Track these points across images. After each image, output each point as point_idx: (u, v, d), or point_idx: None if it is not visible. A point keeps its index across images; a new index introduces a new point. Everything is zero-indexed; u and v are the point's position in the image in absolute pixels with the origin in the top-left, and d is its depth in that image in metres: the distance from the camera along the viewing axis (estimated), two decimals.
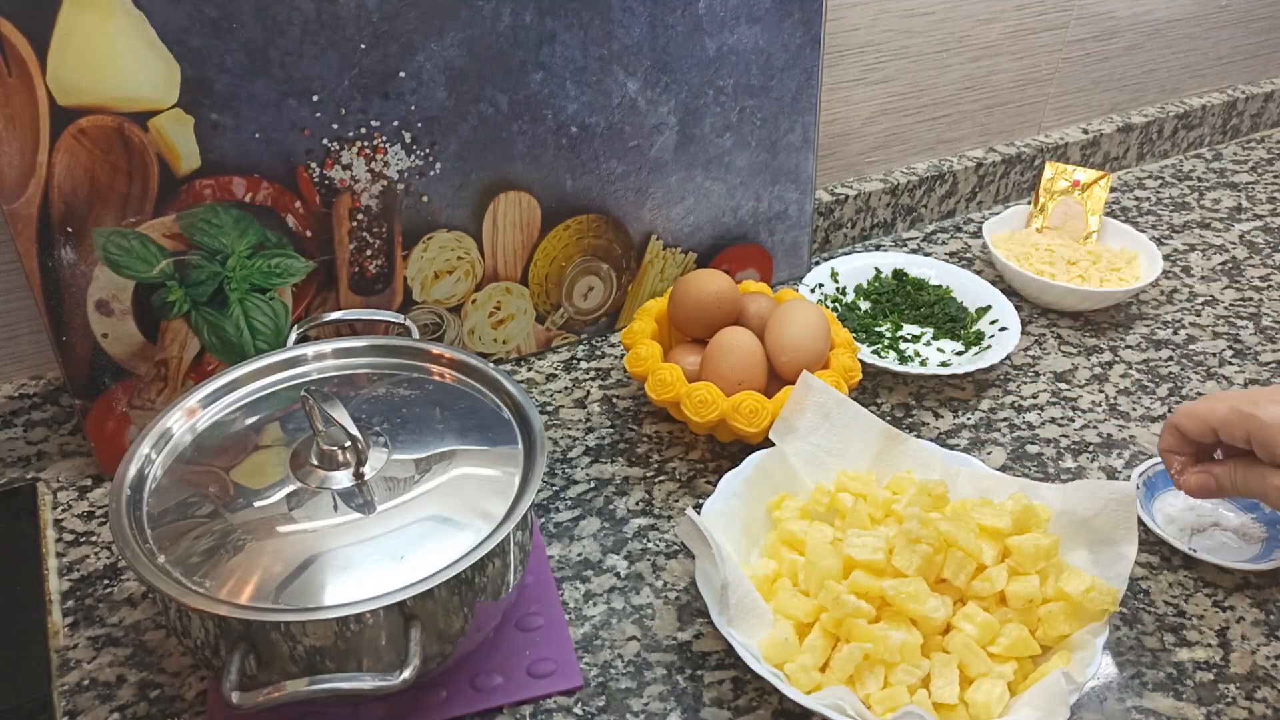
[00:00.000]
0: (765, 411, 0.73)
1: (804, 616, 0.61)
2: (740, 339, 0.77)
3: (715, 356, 0.77)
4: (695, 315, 0.80)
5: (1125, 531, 0.61)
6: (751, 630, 0.60)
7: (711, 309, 0.80)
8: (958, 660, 0.58)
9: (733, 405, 0.73)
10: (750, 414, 0.73)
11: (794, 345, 0.76)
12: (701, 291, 0.80)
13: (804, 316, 0.78)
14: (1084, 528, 0.63)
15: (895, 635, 0.57)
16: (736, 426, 0.74)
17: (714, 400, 0.74)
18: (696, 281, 0.80)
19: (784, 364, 0.76)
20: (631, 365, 0.78)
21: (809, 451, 0.72)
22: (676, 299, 0.81)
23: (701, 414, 0.74)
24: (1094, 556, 0.63)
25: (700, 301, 0.80)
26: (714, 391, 0.74)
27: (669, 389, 0.75)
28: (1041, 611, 0.60)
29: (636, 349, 0.79)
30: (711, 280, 0.80)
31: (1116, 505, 0.62)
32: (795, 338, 0.77)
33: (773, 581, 0.64)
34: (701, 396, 0.74)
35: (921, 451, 0.71)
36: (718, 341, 0.77)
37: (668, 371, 0.76)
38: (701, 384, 0.75)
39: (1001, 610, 0.61)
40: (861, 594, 0.59)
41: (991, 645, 0.59)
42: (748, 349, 0.76)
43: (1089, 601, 0.59)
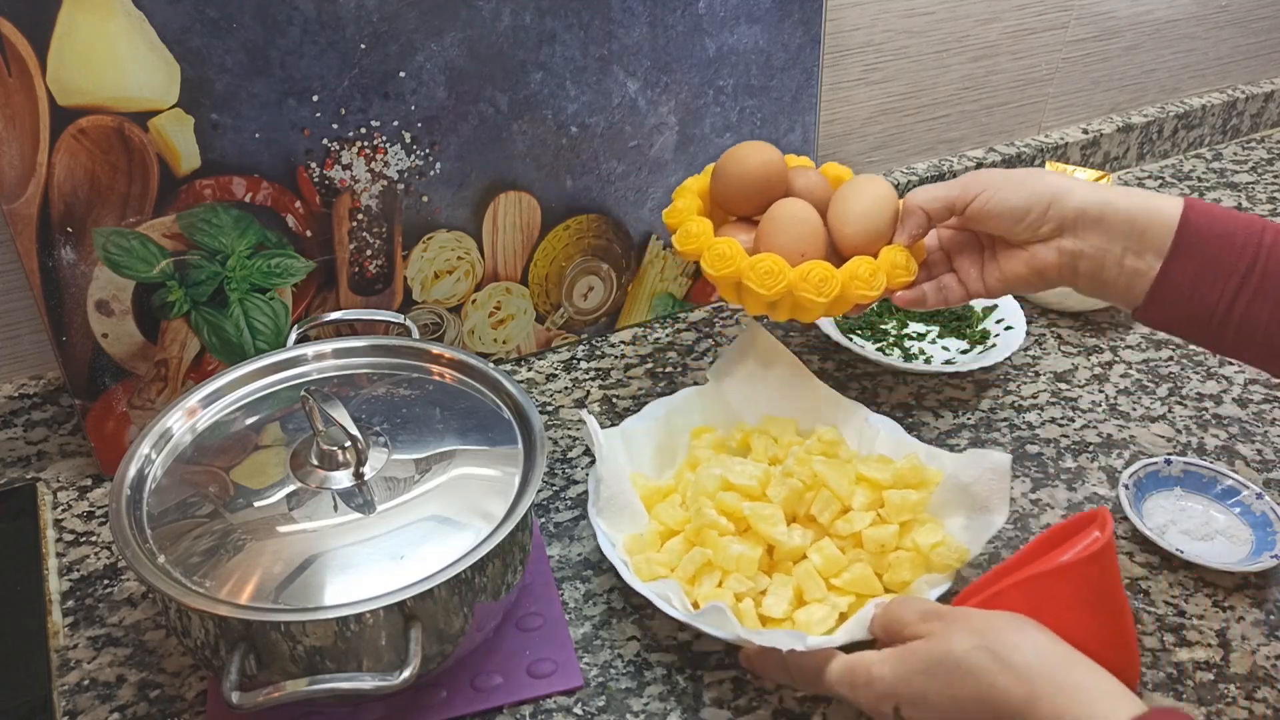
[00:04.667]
0: (835, 280, 0.68)
1: (674, 525, 0.67)
2: (800, 209, 0.71)
3: (773, 228, 0.71)
4: (742, 189, 0.74)
5: (999, 500, 0.65)
6: (621, 526, 0.67)
7: (760, 181, 0.73)
8: (796, 584, 0.64)
9: (800, 275, 0.68)
10: (820, 283, 0.68)
11: (861, 217, 0.70)
12: (748, 163, 0.73)
13: (875, 189, 0.72)
14: (964, 493, 0.66)
15: (735, 547, 0.63)
16: (805, 296, 0.68)
17: (780, 271, 0.68)
18: (742, 153, 0.74)
19: (848, 236, 0.70)
20: (682, 243, 0.72)
21: (744, 395, 0.76)
22: (721, 173, 0.75)
23: (767, 285, 0.68)
24: (968, 521, 0.66)
25: (747, 174, 0.73)
26: (779, 262, 0.68)
27: (728, 262, 0.69)
28: (891, 557, 0.65)
29: (686, 226, 0.72)
30: (758, 151, 0.74)
31: (992, 474, 0.65)
32: (863, 210, 0.70)
33: (665, 495, 0.70)
34: (767, 267, 0.68)
35: (849, 408, 0.76)
36: (775, 213, 0.71)
37: (725, 245, 0.70)
38: (765, 255, 0.69)
39: (856, 550, 0.66)
40: (726, 512, 0.65)
41: (835, 578, 0.64)
42: (808, 219, 0.71)
43: (936, 555, 0.64)
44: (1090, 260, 0.64)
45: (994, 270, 0.70)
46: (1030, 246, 0.66)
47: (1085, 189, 0.64)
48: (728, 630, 0.59)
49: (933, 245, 0.74)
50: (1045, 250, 0.66)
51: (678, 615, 0.61)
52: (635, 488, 0.70)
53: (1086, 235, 0.64)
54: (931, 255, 0.74)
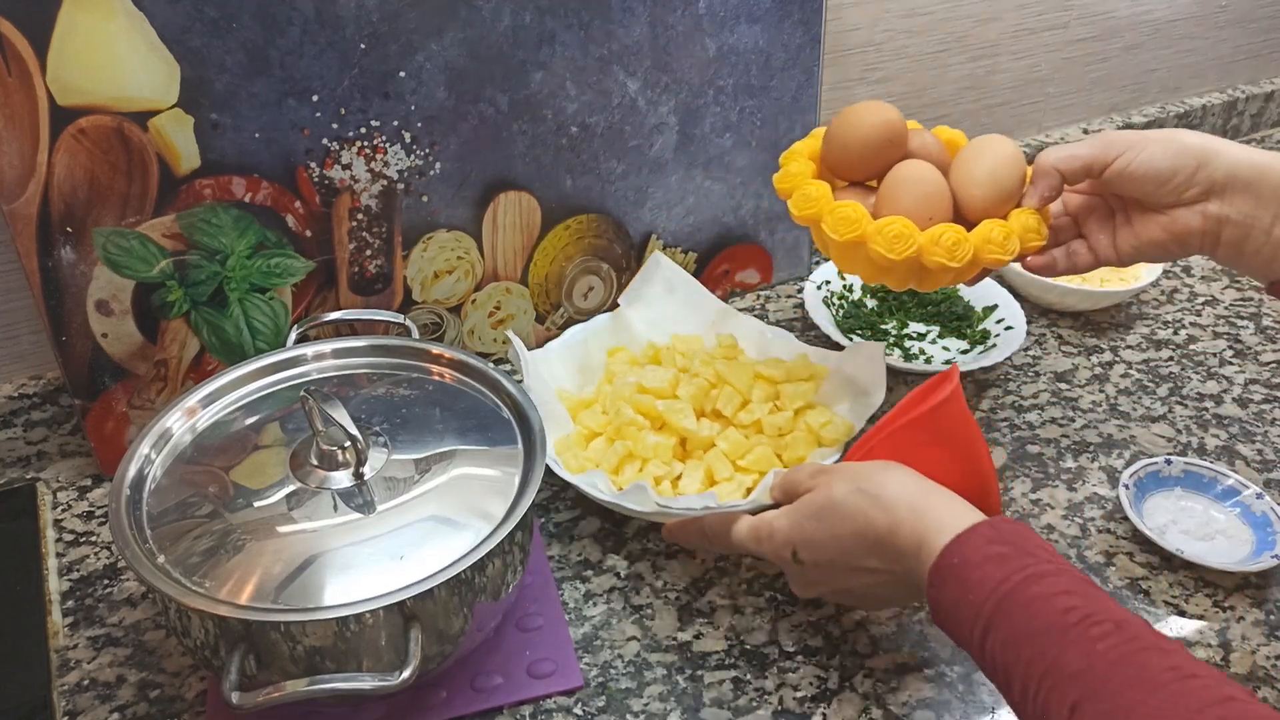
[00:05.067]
0: (967, 244, 0.65)
1: (597, 427, 0.76)
2: (926, 171, 0.68)
3: (898, 191, 0.67)
4: (862, 151, 0.70)
5: (875, 382, 0.74)
6: (549, 431, 0.70)
7: (881, 142, 0.69)
8: (706, 466, 0.72)
9: (931, 239, 0.65)
10: (952, 246, 0.65)
11: (989, 178, 0.67)
12: (867, 123, 0.69)
13: (1001, 148, 0.68)
14: (848, 381, 0.76)
15: (652, 437, 0.72)
16: (936, 261, 0.65)
17: (909, 234, 0.65)
18: (860, 114, 0.70)
19: (976, 198, 0.67)
20: (800, 208, 0.68)
21: (652, 318, 0.84)
22: (837, 134, 0.71)
23: (896, 249, 0.65)
24: (853, 404, 0.76)
25: (868, 135, 0.69)
26: (908, 225, 0.65)
27: (854, 226, 0.66)
28: (788, 438, 0.74)
29: (803, 190, 0.69)
30: (877, 111, 0.70)
31: (869, 362, 0.75)
32: (991, 170, 0.67)
33: (587, 405, 0.78)
34: (895, 230, 0.65)
35: (748, 324, 0.84)
36: (900, 174, 0.68)
37: (849, 208, 0.66)
38: (892, 218, 0.66)
39: (757, 436, 0.74)
40: (642, 411, 0.74)
41: (741, 459, 0.72)
42: (935, 181, 0.67)
43: (825, 432, 0.74)
44: (1235, 227, 0.61)
45: (1128, 236, 0.67)
46: (1171, 211, 0.63)
47: (1237, 150, 0.61)
48: (648, 504, 0.67)
49: (1057, 210, 0.71)
50: (1188, 214, 0.63)
51: (605, 498, 0.69)
52: (560, 400, 0.78)
53: (1236, 200, 0.61)
54: (1057, 220, 0.70)
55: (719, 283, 0.96)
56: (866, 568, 0.57)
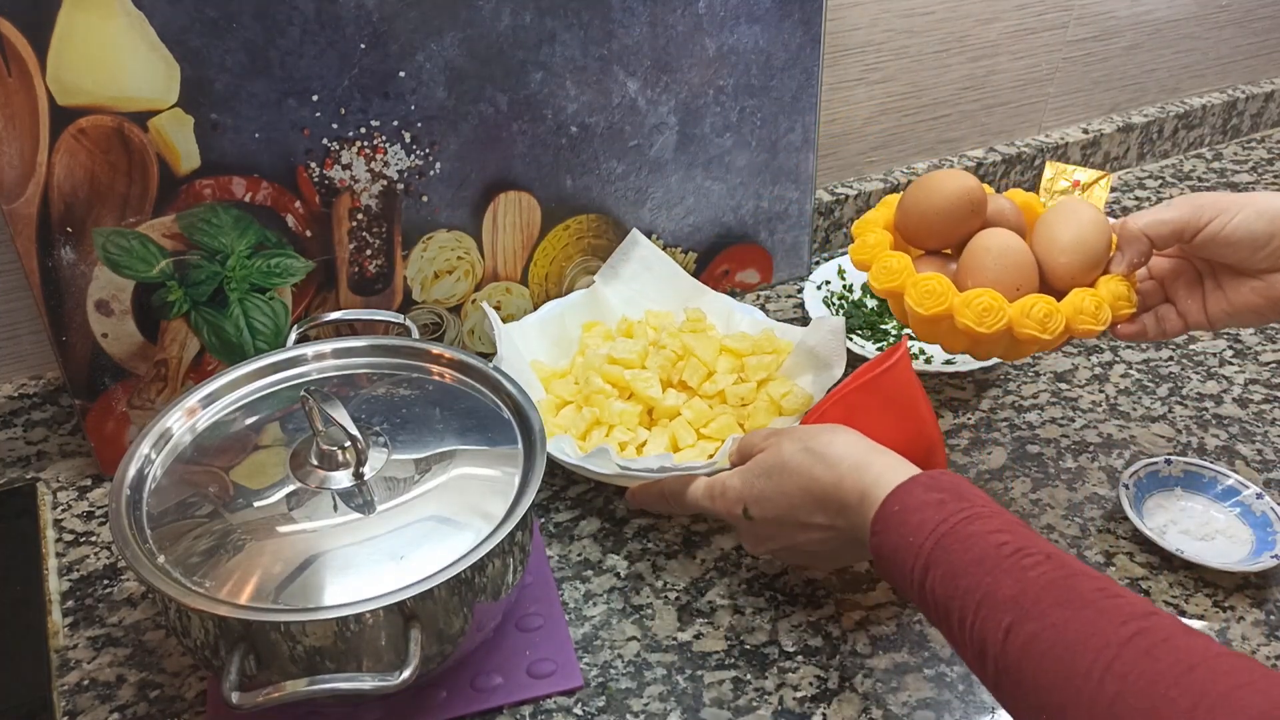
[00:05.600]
0: (1059, 316, 0.63)
1: (567, 396, 0.78)
2: (1009, 240, 0.66)
3: (983, 261, 0.66)
4: (941, 221, 0.69)
5: (836, 356, 0.77)
6: None
7: (962, 211, 0.68)
8: (671, 433, 0.75)
9: (1021, 311, 0.63)
10: (1044, 319, 0.63)
11: (1076, 244, 0.65)
12: (946, 191, 0.68)
13: (1086, 213, 0.67)
14: (811, 355, 0.78)
15: (618, 405, 0.75)
16: (1027, 334, 0.64)
17: (998, 307, 0.63)
18: (938, 182, 0.69)
19: (1063, 266, 0.65)
20: (881, 280, 0.68)
21: (628, 295, 0.86)
22: (915, 203, 0.69)
23: (986, 323, 0.63)
24: (815, 376, 0.78)
25: (947, 203, 0.68)
26: (997, 297, 0.64)
27: (940, 299, 0.65)
28: (750, 408, 0.77)
29: (883, 262, 0.68)
30: (956, 178, 0.68)
31: (831, 336, 0.77)
32: (1077, 236, 0.65)
33: (560, 376, 0.81)
34: (984, 303, 0.64)
35: (717, 301, 0.87)
36: (984, 244, 0.66)
37: (934, 280, 0.65)
38: (979, 290, 0.64)
39: (721, 405, 0.77)
40: (611, 381, 0.77)
41: (704, 427, 0.76)
42: (1020, 249, 0.66)
43: (785, 402, 0.76)
44: None
45: (1219, 301, 0.65)
46: (1267, 275, 0.62)
47: None
48: (610, 467, 0.70)
49: (1141, 274, 0.69)
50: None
51: (570, 460, 0.71)
52: (534, 370, 0.80)
53: None
54: (1142, 284, 0.68)
55: (719, 283, 0.96)
56: (813, 523, 0.59)
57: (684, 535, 0.73)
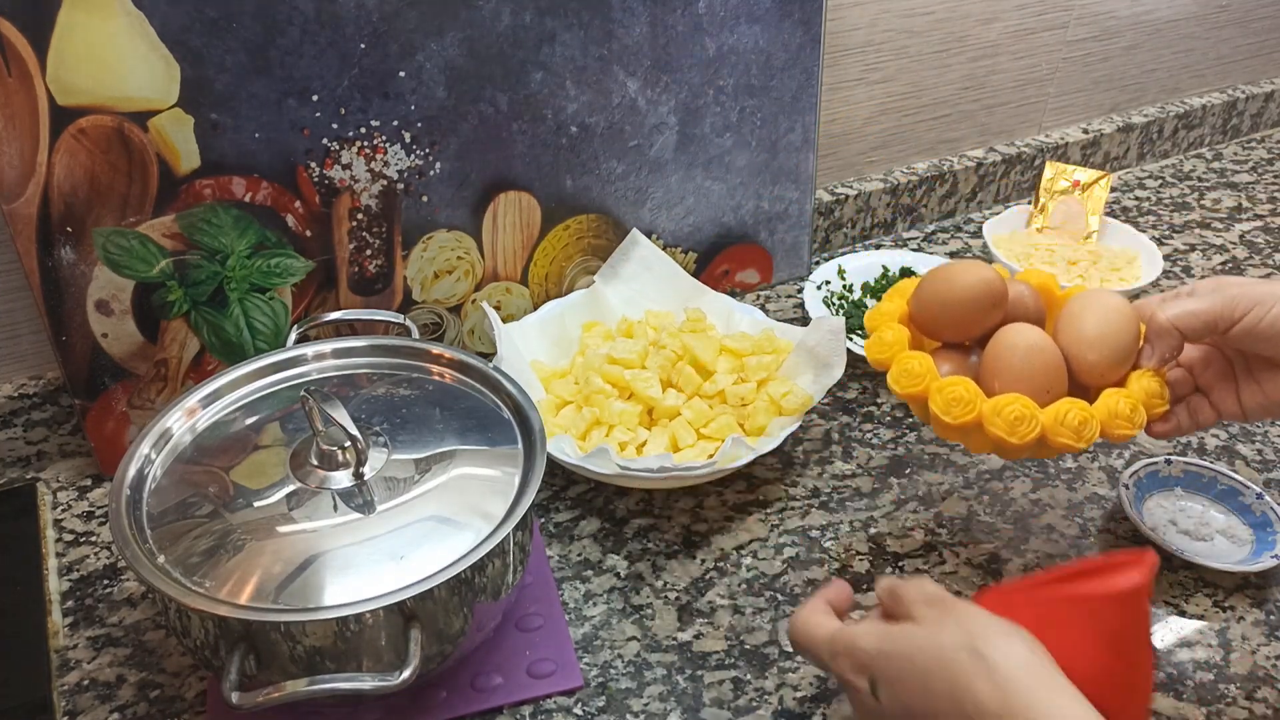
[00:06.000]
0: (1094, 422, 0.59)
1: (567, 396, 0.78)
2: (1037, 339, 0.62)
3: (1010, 362, 0.61)
4: (960, 316, 0.65)
5: (836, 356, 0.76)
6: None
7: (984, 306, 0.64)
8: (671, 434, 0.75)
9: (1054, 419, 0.59)
10: (1079, 426, 0.59)
11: (1104, 340, 0.61)
12: (963, 284, 0.64)
13: (1112, 304, 0.63)
14: (811, 355, 0.78)
15: (617, 405, 0.75)
16: (1061, 443, 0.59)
17: (1030, 416, 0.59)
18: (956, 275, 0.65)
19: (1092, 363, 0.61)
20: (903, 384, 0.63)
21: (628, 295, 0.86)
22: (932, 298, 0.66)
23: (1019, 433, 0.59)
24: (815, 376, 0.78)
25: (967, 298, 0.64)
26: (1028, 405, 0.60)
27: (968, 407, 0.60)
28: (749, 408, 0.77)
29: (904, 365, 0.63)
30: (973, 271, 0.64)
31: (830, 335, 0.76)
32: (1104, 330, 0.61)
33: (560, 376, 0.81)
34: (1016, 413, 0.59)
35: (717, 300, 0.87)
36: (1010, 343, 0.62)
37: (961, 386, 0.61)
38: (1010, 397, 0.60)
39: (721, 405, 0.77)
40: (611, 381, 0.77)
41: (704, 427, 0.76)
42: (1048, 350, 0.62)
43: (785, 401, 0.76)
44: None
45: (1254, 394, 0.61)
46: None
47: None
48: (610, 467, 0.69)
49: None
50: None
51: (570, 460, 0.71)
52: (534, 370, 0.80)
53: None
54: (1171, 373, 0.64)
55: (719, 283, 0.96)
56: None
57: (684, 535, 0.73)
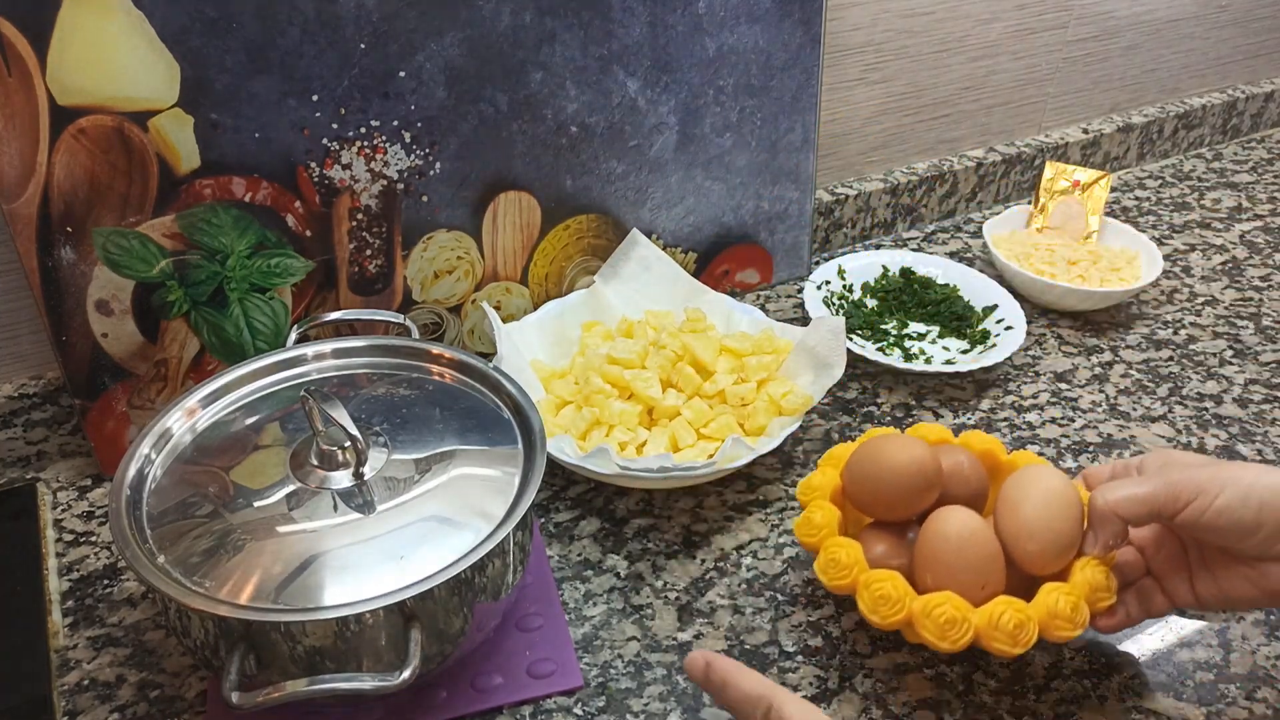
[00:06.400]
0: (1031, 625, 0.56)
1: (567, 396, 0.78)
2: (971, 526, 0.58)
3: (942, 554, 0.58)
4: (890, 498, 0.62)
5: (836, 356, 0.77)
6: None
7: (914, 489, 0.61)
8: (671, 434, 0.75)
9: (988, 621, 0.56)
10: (1015, 630, 0.56)
11: (1044, 527, 0.57)
12: (895, 464, 0.61)
13: (1051, 485, 0.59)
14: (811, 354, 0.78)
15: (617, 405, 0.75)
16: (996, 648, 0.56)
17: (962, 618, 0.56)
18: (887, 453, 0.62)
19: (1032, 554, 0.58)
20: (830, 576, 0.60)
21: (628, 294, 0.86)
22: (862, 475, 0.63)
23: (950, 638, 0.56)
24: (815, 376, 0.78)
25: (898, 480, 0.61)
26: (960, 606, 0.56)
27: (896, 607, 0.57)
28: (749, 408, 0.77)
29: (830, 553, 0.60)
30: (905, 449, 0.61)
31: (831, 335, 0.77)
32: (1044, 516, 0.58)
33: (560, 376, 0.81)
34: (947, 615, 0.56)
35: (717, 300, 0.87)
36: (941, 533, 0.59)
37: (888, 584, 0.58)
38: (941, 597, 0.57)
39: (721, 405, 0.77)
40: (611, 381, 0.77)
41: (704, 427, 0.76)
42: (984, 540, 0.58)
43: (785, 401, 0.76)
44: None
45: (1208, 584, 0.57)
46: (1260, 565, 0.54)
47: None
48: (610, 467, 0.69)
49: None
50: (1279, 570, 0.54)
51: (570, 460, 0.71)
52: (534, 370, 0.80)
53: None
54: (1122, 555, 0.61)
55: (719, 283, 0.96)
56: None
57: (684, 535, 0.73)
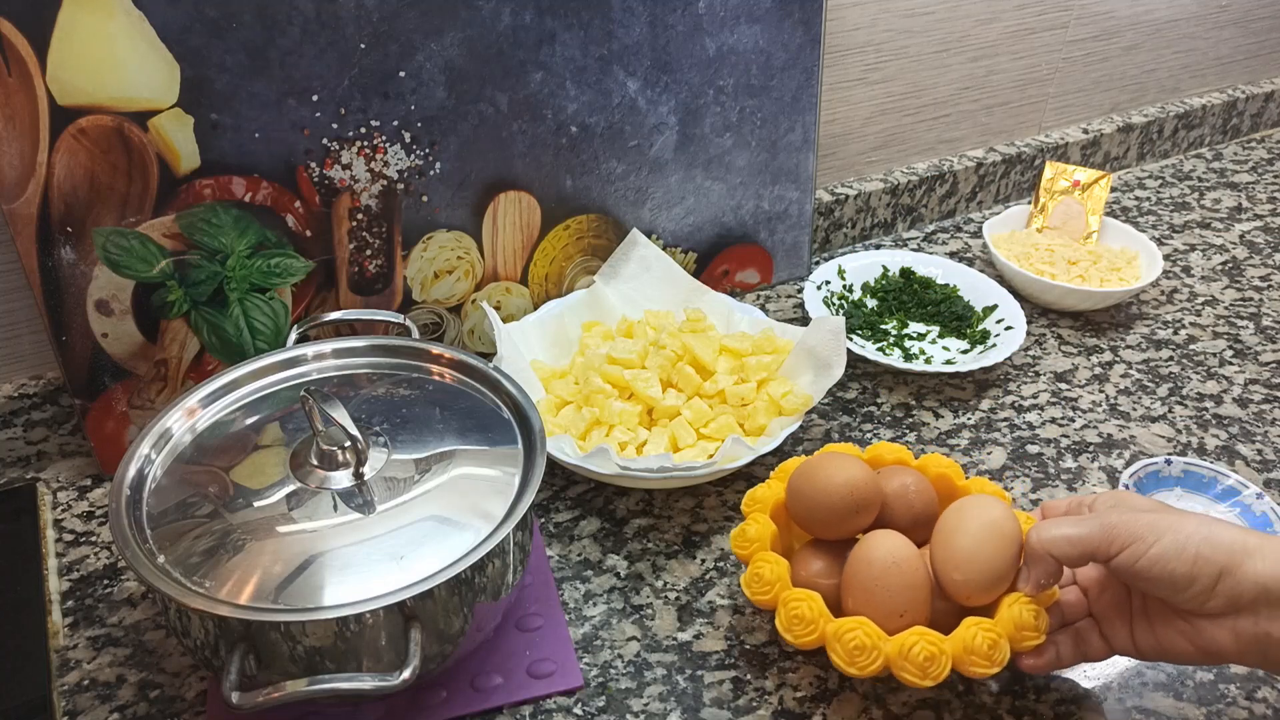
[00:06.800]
0: (944, 659, 0.55)
1: (567, 396, 0.78)
2: (897, 550, 0.58)
3: (864, 577, 0.58)
4: (825, 517, 0.61)
5: (836, 356, 0.77)
6: None
7: (845, 510, 0.60)
8: (671, 433, 0.75)
9: (899, 650, 0.55)
10: (925, 663, 0.55)
11: (974, 559, 0.56)
12: (829, 484, 0.60)
13: (987, 516, 0.57)
14: (811, 355, 0.78)
15: (617, 404, 0.75)
16: (906, 679, 0.55)
17: (873, 645, 0.55)
18: (824, 471, 0.61)
19: (958, 584, 0.57)
20: (753, 590, 0.60)
21: (627, 294, 0.86)
22: (798, 491, 0.62)
23: (858, 664, 0.56)
24: (815, 376, 0.77)
25: (831, 500, 0.60)
26: (872, 632, 0.56)
27: (809, 628, 0.57)
28: (749, 408, 0.77)
29: (757, 569, 0.60)
30: (843, 469, 0.61)
31: (831, 336, 0.77)
32: (976, 548, 0.57)
33: (560, 376, 0.81)
34: (857, 641, 0.56)
35: (717, 300, 0.87)
36: (864, 556, 0.58)
37: (804, 604, 0.58)
38: (855, 622, 0.56)
39: (722, 405, 0.77)
40: (611, 381, 0.77)
41: (704, 427, 0.76)
42: (909, 567, 0.57)
43: (785, 401, 0.75)
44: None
45: (1147, 634, 0.55)
46: (1195, 620, 0.52)
47: (1270, 552, 0.49)
48: (610, 466, 0.69)
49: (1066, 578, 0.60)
50: (1215, 630, 0.51)
51: (570, 460, 0.71)
52: (534, 370, 0.80)
53: (1275, 616, 0.49)
54: (1064, 592, 0.60)
55: (719, 283, 0.96)
56: None
57: (684, 535, 0.73)
